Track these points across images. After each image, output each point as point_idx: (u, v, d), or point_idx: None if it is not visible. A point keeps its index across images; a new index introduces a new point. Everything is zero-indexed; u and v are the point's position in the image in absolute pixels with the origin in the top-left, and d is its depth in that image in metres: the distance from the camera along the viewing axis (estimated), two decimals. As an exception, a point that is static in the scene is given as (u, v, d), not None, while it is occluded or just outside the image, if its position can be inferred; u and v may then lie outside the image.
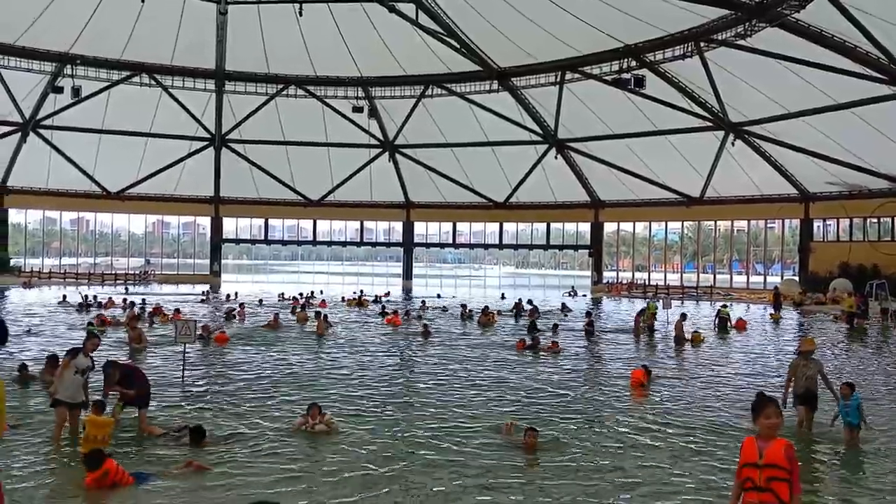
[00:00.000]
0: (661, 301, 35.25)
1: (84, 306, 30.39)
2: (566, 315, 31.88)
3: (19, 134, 48.28)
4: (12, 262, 51.72)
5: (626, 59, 38.81)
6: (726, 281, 52.20)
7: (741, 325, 27.92)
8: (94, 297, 33.91)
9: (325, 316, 25.48)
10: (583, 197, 52.65)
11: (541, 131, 47.97)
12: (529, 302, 34.18)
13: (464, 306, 31.55)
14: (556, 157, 48.88)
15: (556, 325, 26.00)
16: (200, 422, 10.89)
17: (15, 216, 54.86)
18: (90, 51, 43.55)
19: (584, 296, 47.78)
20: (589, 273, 57.02)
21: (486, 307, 30.24)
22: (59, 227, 61.40)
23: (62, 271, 54.41)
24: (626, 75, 38.29)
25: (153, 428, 10.51)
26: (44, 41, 41.96)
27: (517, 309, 31.80)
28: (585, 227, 55.75)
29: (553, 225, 57.79)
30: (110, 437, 9.53)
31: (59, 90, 43.72)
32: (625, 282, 53.55)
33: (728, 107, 40.10)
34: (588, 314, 29.65)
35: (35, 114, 47.60)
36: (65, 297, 34.10)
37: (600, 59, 39.88)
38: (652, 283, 52.63)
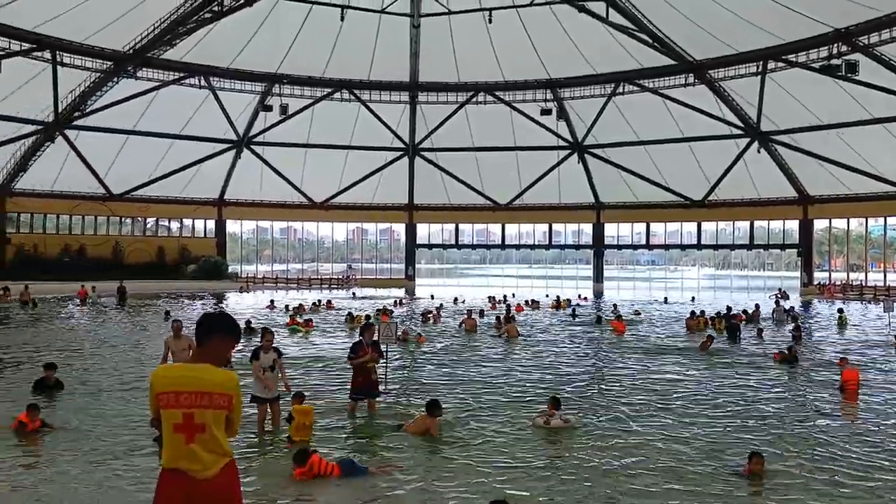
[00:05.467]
0: (882, 304, 32.28)
1: (298, 309, 31.93)
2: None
3: (234, 150, 52.51)
4: (230, 268, 56.20)
5: (835, 44, 36.25)
6: (958, 281, 47.03)
7: None
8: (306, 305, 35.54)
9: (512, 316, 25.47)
10: (790, 192, 49.29)
11: (741, 124, 45.61)
12: (756, 307, 31.42)
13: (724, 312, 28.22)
14: (758, 151, 46.20)
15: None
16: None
17: (231, 226, 59.58)
18: (295, 70, 46.69)
19: (784, 296, 44.21)
20: (798, 274, 53.39)
21: (693, 311, 28.57)
22: (271, 235, 65.86)
23: (274, 277, 58.53)
24: (835, 61, 35.85)
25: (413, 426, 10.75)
26: (254, 63, 45.52)
27: (728, 317, 27.14)
28: (793, 225, 52.14)
29: (757, 223, 54.29)
30: (312, 423, 10.18)
31: (269, 108, 47.80)
32: (838, 283, 49.63)
33: (958, 88, 36.16)
34: (794, 318, 27.68)
35: (248, 131, 51.63)
36: (272, 301, 36.46)
37: (806, 46, 37.72)
38: (869, 283, 48.45)
